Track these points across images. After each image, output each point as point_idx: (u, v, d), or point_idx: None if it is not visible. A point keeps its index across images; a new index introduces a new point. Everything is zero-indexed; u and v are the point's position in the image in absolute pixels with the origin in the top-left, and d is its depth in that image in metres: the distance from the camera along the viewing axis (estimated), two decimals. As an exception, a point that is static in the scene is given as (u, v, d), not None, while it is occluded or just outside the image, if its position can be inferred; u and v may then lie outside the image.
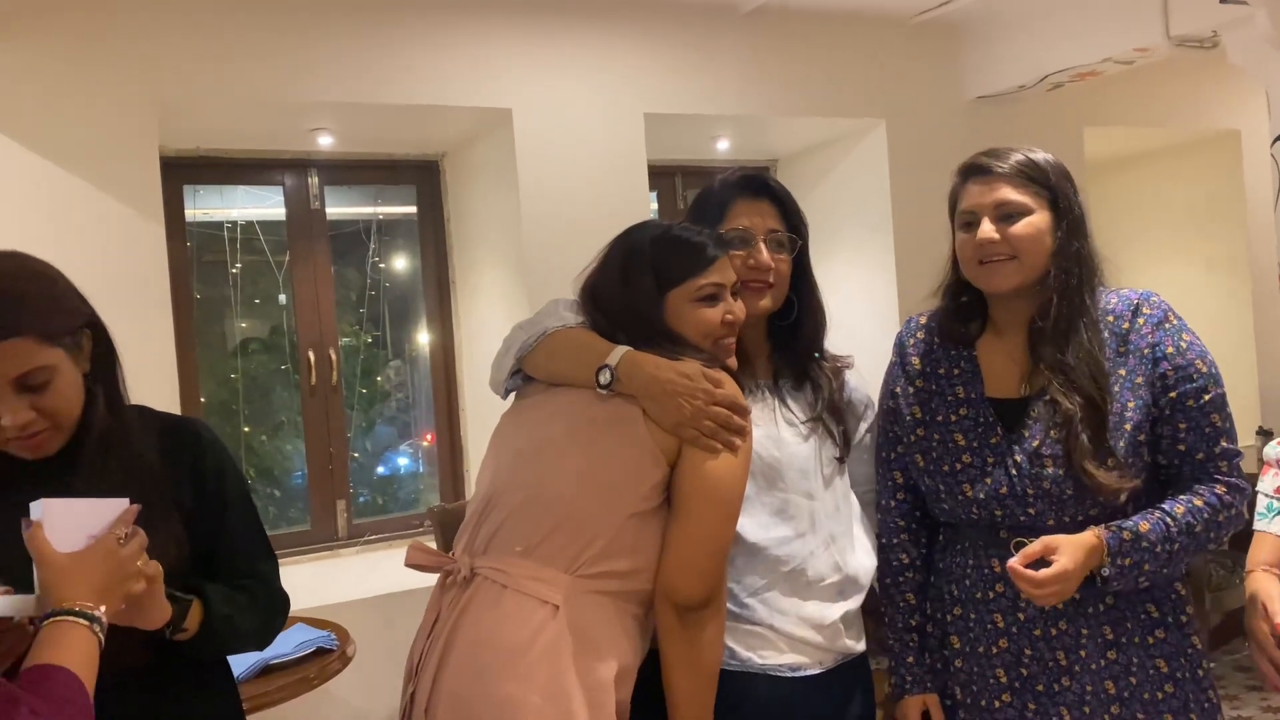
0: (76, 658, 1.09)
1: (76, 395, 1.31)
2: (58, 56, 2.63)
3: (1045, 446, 1.56)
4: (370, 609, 2.84)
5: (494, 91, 3.17)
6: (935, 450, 1.65)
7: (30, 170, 2.59)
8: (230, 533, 1.45)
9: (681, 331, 1.55)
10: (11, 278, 1.26)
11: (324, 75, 2.94)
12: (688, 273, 1.55)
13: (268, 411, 3.69)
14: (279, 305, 3.60)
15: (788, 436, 1.63)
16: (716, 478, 1.46)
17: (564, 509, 1.48)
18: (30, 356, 1.24)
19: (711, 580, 1.45)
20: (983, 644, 1.62)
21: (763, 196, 1.68)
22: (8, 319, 1.22)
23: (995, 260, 1.59)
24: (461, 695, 1.41)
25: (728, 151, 4.02)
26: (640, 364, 1.49)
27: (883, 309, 3.80)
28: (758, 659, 1.56)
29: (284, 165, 3.43)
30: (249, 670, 2.14)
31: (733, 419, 1.46)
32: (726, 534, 1.47)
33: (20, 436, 1.27)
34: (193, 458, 1.44)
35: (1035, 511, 1.57)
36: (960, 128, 3.88)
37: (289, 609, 1.54)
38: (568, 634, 1.41)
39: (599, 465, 1.49)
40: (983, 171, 1.63)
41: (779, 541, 1.58)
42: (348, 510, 3.48)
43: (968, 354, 1.69)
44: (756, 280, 1.65)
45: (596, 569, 1.45)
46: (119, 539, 1.20)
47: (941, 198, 1.57)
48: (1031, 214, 1.59)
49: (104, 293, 1.39)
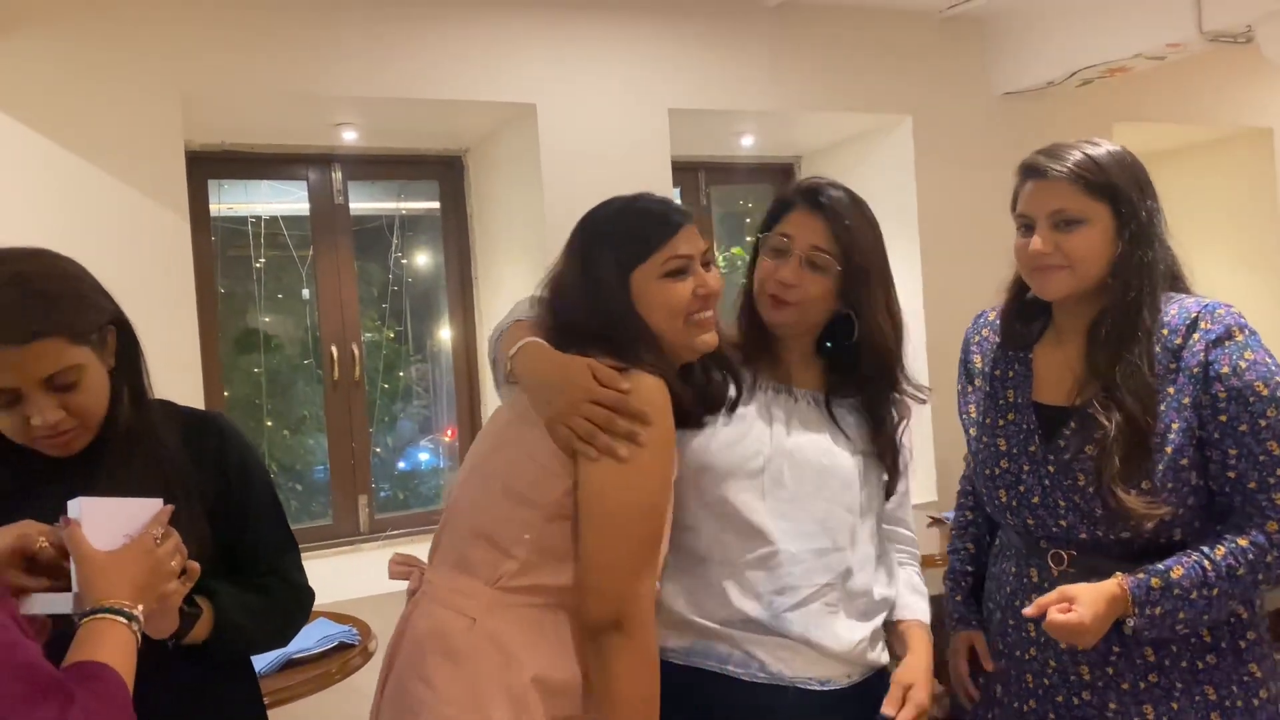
0: (118, 656, 1.09)
1: (103, 393, 1.32)
2: (84, 51, 2.64)
3: (1078, 461, 1.51)
4: (391, 604, 2.81)
5: (518, 86, 3.16)
6: (982, 453, 1.63)
7: (57, 164, 2.60)
8: (253, 527, 1.45)
9: (650, 316, 1.44)
10: (40, 278, 1.26)
11: (348, 69, 2.94)
12: (650, 246, 1.44)
13: (289, 406, 3.70)
14: (302, 300, 3.60)
15: (838, 448, 1.58)
16: (598, 489, 1.35)
17: (477, 519, 1.43)
18: (60, 357, 1.24)
19: (610, 603, 1.33)
20: (1019, 649, 1.60)
21: (817, 211, 1.57)
22: (37, 321, 1.22)
23: (1048, 269, 1.52)
24: (392, 701, 1.43)
25: (752, 147, 4.00)
26: (529, 355, 1.43)
27: (909, 305, 3.75)
28: (788, 671, 1.53)
29: (308, 160, 3.43)
30: (271, 664, 2.14)
31: (615, 422, 1.34)
32: (615, 553, 1.34)
33: (49, 435, 1.27)
34: (216, 452, 1.44)
35: (1067, 524, 1.52)
36: (988, 124, 3.84)
37: (312, 604, 1.53)
38: (484, 646, 1.36)
39: (507, 471, 1.43)
40: (1039, 174, 1.53)
41: (818, 553, 1.54)
42: (369, 505, 3.48)
43: (1024, 356, 1.63)
44: (778, 296, 1.58)
45: (522, 582, 1.39)
46: (156, 538, 1.21)
47: (968, 195, 1.55)
48: (1088, 223, 1.50)
49: (129, 287, 1.40)
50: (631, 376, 1.38)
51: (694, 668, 1.54)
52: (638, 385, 1.37)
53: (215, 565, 1.39)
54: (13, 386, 1.23)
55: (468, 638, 1.38)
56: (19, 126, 2.56)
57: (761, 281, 1.60)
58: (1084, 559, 1.52)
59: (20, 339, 1.21)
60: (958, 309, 3.70)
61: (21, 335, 1.21)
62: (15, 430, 1.27)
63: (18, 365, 1.22)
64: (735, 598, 1.52)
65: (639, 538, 1.36)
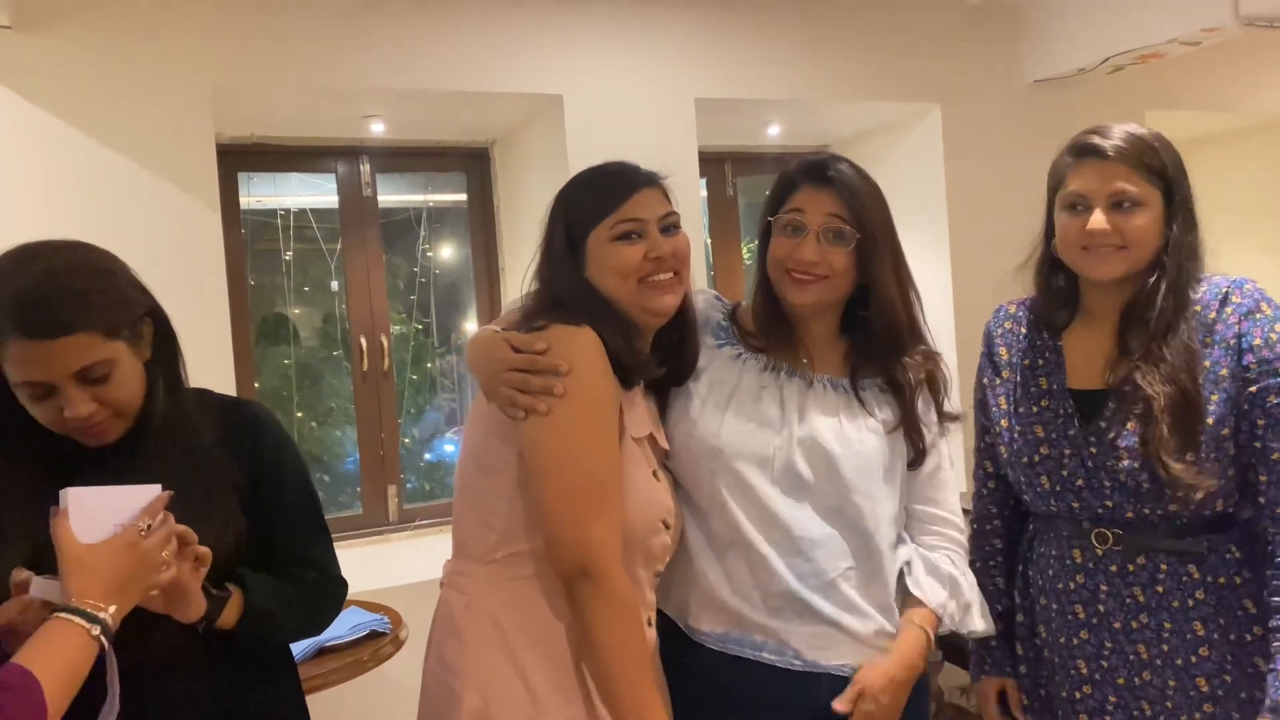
0: (54, 662, 1.07)
1: (137, 384, 1.33)
2: (115, 46, 2.67)
3: (1122, 438, 1.52)
4: (421, 593, 2.84)
5: (545, 78, 3.16)
6: (1017, 442, 1.63)
7: (91, 158, 2.63)
8: (286, 516, 1.46)
9: (603, 279, 1.45)
10: (72, 273, 1.26)
11: (376, 61, 2.95)
12: (601, 210, 1.45)
13: (317, 398, 3.73)
14: (330, 293, 3.63)
15: (851, 433, 1.56)
16: (531, 444, 1.39)
17: (464, 497, 1.50)
18: (91, 351, 1.25)
19: (570, 553, 1.35)
20: (1064, 635, 1.60)
21: (826, 185, 1.56)
22: (68, 316, 1.23)
23: (1103, 249, 1.53)
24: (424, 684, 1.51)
25: (779, 137, 3.98)
26: (469, 343, 1.50)
27: (937, 298, 3.73)
28: (823, 659, 1.52)
29: (337, 152, 3.45)
30: (304, 652, 2.16)
31: (530, 381, 1.38)
32: (560, 503, 1.36)
33: (83, 427, 1.29)
34: (251, 440, 1.45)
35: (1113, 504, 1.54)
36: (1018, 112, 3.80)
37: (346, 594, 1.54)
38: (481, 622, 1.42)
39: (474, 446, 1.49)
40: (1098, 154, 1.54)
41: (836, 538, 1.53)
42: (398, 495, 3.51)
43: (1054, 343, 1.64)
44: (801, 273, 1.56)
45: (504, 552, 1.44)
46: (141, 530, 1.19)
47: (998, 185, 1.54)
48: (1145, 205, 1.52)
49: (161, 280, 1.41)
50: (550, 332, 1.40)
51: (729, 655, 1.54)
52: (555, 338, 1.39)
53: (250, 554, 1.41)
54: (46, 380, 1.24)
55: (466, 615, 1.44)
56: (54, 121, 2.59)
57: (779, 262, 1.58)
58: (1130, 537, 1.54)
59: (52, 334, 1.22)
60: (988, 302, 3.66)
61: (53, 330, 1.22)
62: (51, 421, 1.28)
63: (50, 360, 1.23)
64: (764, 582, 1.52)
65: (576, 484, 1.37)
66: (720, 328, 1.66)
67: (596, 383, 1.40)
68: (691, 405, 1.58)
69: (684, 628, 1.58)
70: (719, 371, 1.61)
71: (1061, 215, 1.59)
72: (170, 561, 1.22)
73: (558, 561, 1.38)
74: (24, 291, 1.22)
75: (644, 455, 1.50)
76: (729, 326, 1.66)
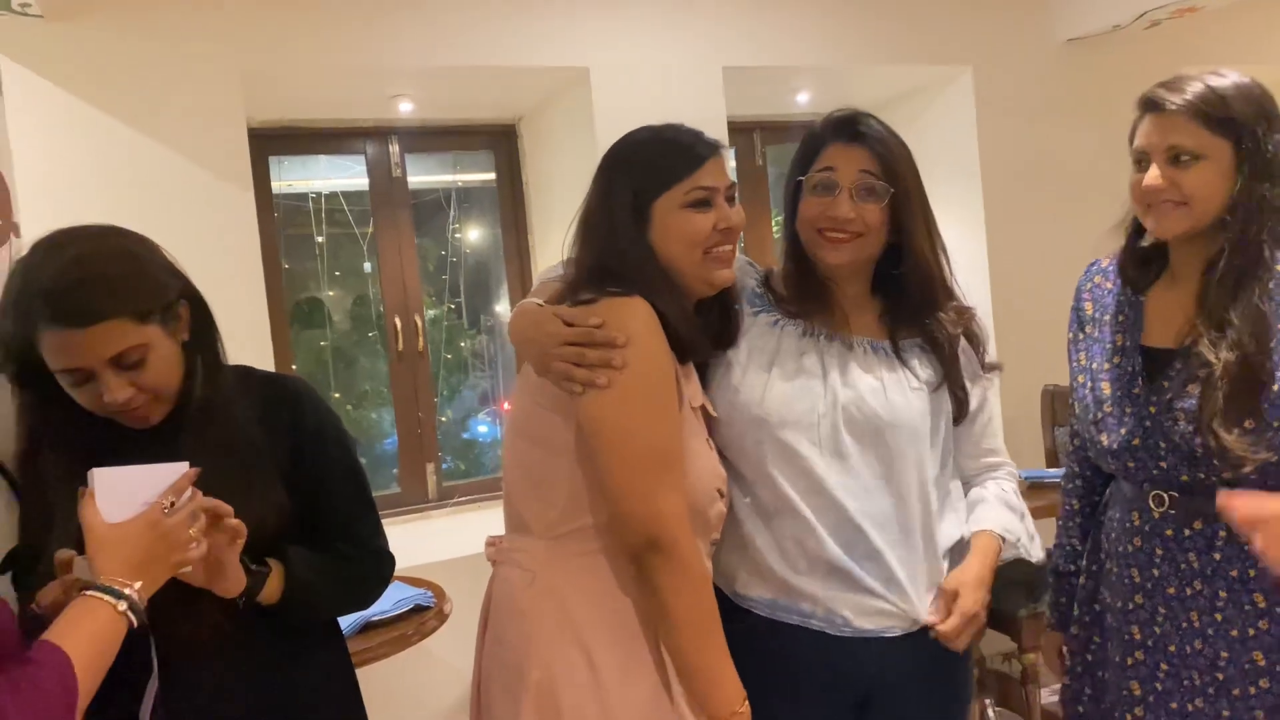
0: (84, 638, 1.09)
1: (174, 367, 1.34)
2: (145, 31, 2.68)
3: (1180, 400, 1.48)
4: (463, 568, 2.87)
5: (570, 50, 3.14)
6: (1088, 398, 1.61)
7: (124, 144, 2.65)
8: (329, 492, 1.47)
9: (668, 247, 1.43)
10: (101, 260, 1.27)
11: (403, 39, 2.94)
12: (672, 176, 1.43)
13: (352, 380, 3.76)
14: (363, 275, 3.65)
15: (896, 395, 1.55)
16: (591, 419, 1.37)
17: (519, 474, 1.48)
18: (124, 337, 1.26)
19: (637, 527, 1.35)
20: (1121, 599, 1.58)
21: (856, 141, 1.55)
22: (99, 303, 1.24)
23: (1162, 205, 1.48)
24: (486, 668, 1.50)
25: (808, 104, 3.93)
26: (513, 318, 1.47)
27: (973, 264, 3.69)
28: (870, 625, 1.53)
29: (365, 134, 3.46)
30: (350, 627, 2.19)
31: (585, 355, 1.36)
32: (624, 477, 1.35)
33: (124, 410, 1.30)
34: (292, 417, 1.45)
35: (1167, 466, 1.50)
36: (1051, 73, 3.73)
37: (393, 569, 1.55)
38: (543, 600, 1.41)
39: (527, 422, 1.47)
40: (1156, 107, 1.49)
41: (884, 507, 1.53)
42: (436, 473, 3.54)
43: (1136, 300, 1.61)
44: (835, 232, 1.54)
45: (567, 528, 1.42)
46: (164, 508, 1.20)
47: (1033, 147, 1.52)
48: (1205, 159, 1.45)
49: (199, 266, 1.42)
50: (601, 306, 1.38)
51: (778, 621, 1.54)
52: (609, 311, 1.37)
53: (295, 530, 1.42)
54: (82, 366, 1.26)
55: (529, 592, 1.43)
56: (88, 109, 2.61)
57: (812, 222, 1.57)
58: (1186, 501, 1.51)
59: (84, 321, 1.23)
60: (1025, 269, 3.65)
61: (85, 318, 1.23)
62: (93, 405, 1.30)
63: (84, 347, 1.24)
64: (812, 550, 1.52)
65: (641, 457, 1.36)
66: (755, 294, 1.65)
67: (655, 353, 1.38)
68: (732, 374, 1.57)
69: (731, 595, 1.58)
70: (757, 339, 1.59)
71: (1132, 173, 1.54)
72: (199, 538, 1.23)
73: (625, 535, 1.36)
74: (55, 280, 1.23)
75: (699, 423, 1.49)
76: (764, 293, 1.65)
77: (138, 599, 1.15)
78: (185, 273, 1.38)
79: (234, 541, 1.28)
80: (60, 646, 1.07)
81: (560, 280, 1.49)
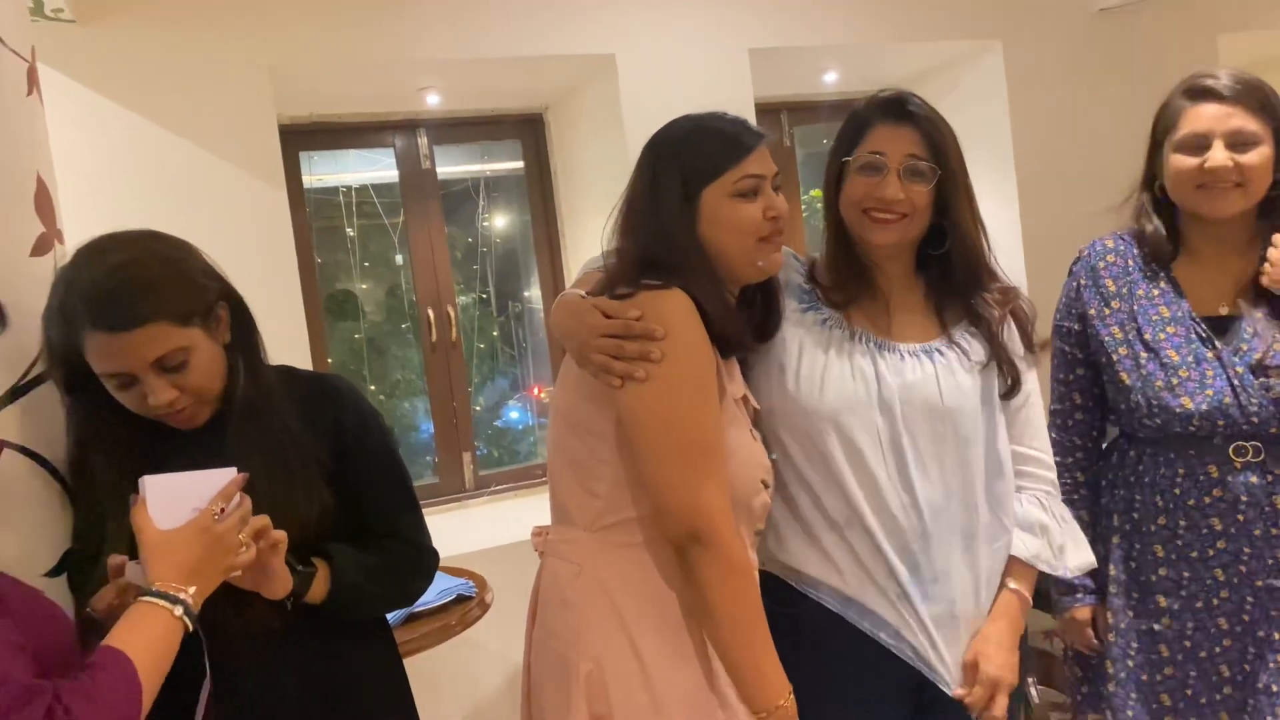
0: (143, 642, 1.11)
1: (216, 369, 1.36)
2: (174, 32, 2.70)
3: (1271, 358, 1.61)
4: (503, 557, 2.91)
5: (596, 37, 3.13)
6: (1146, 367, 1.68)
7: (157, 145, 2.68)
8: (372, 489, 1.48)
9: (719, 236, 1.43)
10: (142, 265, 1.29)
11: (429, 31, 2.95)
12: (722, 165, 1.42)
13: (385, 371, 3.79)
14: (394, 267, 3.67)
15: (955, 378, 1.54)
16: (632, 412, 1.37)
17: (563, 465, 1.47)
18: (166, 340, 1.28)
19: (680, 519, 1.34)
20: (1195, 548, 1.68)
21: (904, 122, 1.53)
22: (140, 307, 1.26)
23: (1220, 187, 1.61)
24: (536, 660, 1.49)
25: (835, 84, 3.90)
26: (555, 309, 1.48)
27: (1006, 238, 3.66)
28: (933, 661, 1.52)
29: (394, 126, 3.47)
30: (395, 619, 2.20)
31: (624, 348, 1.35)
32: (666, 469, 1.35)
33: (169, 412, 1.32)
34: (334, 415, 1.46)
35: (1259, 420, 1.62)
36: (1082, 45, 3.67)
37: (436, 564, 1.56)
38: (591, 592, 1.41)
39: (570, 412, 1.47)
40: (1215, 95, 1.62)
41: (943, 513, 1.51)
42: (473, 462, 3.56)
43: (1166, 273, 1.72)
44: (882, 213, 1.53)
45: (611, 520, 1.42)
46: (215, 514, 1.22)
47: (1066, 121, 1.57)
48: (1262, 143, 1.61)
49: (234, 264, 1.43)
50: (640, 299, 1.38)
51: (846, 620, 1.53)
52: (648, 304, 1.37)
53: (339, 528, 1.43)
54: (126, 370, 1.28)
55: (576, 585, 1.43)
56: (121, 111, 2.64)
57: (858, 203, 1.55)
58: (1274, 448, 1.65)
59: (126, 325, 1.25)
60: (1059, 243, 3.56)
61: (127, 322, 1.25)
62: (138, 407, 1.32)
63: (127, 351, 1.26)
64: (881, 572, 1.51)
65: (682, 449, 1.35)
66: (803, 290, 1.63)
67: (695, 345, 1.38)
68: (787, 377, 1.55)
69: (796, 584, 1.57)
70: (808, 339, 1.57)
71: (1176, 158, 1.65)
72: (248, 543, 1.25)
73: (668, 528, 1.36)
74: (97, 285, 1.26)
75: (742, 414, 1.48)
76: (811, 289, 1.63)
77: (192, 604, 1.18)
78: (224, 275, 1.40)
79: (276, 549, 1.30)
80: (124, 651, 1.09)
81: (602, 270, 1.49)
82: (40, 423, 1.37)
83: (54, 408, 1.38)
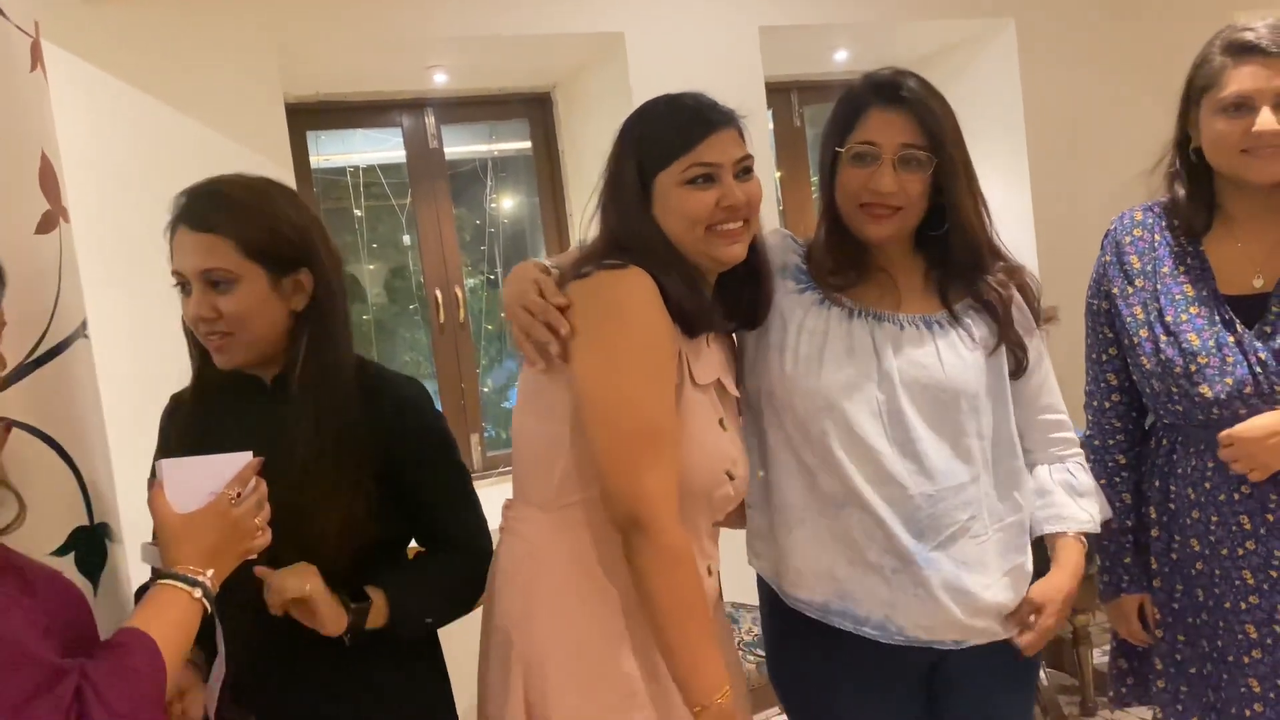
0: (166, 624, 1.12)
1: (265, 317, 1.37)
2: (181, 9, 2.68)
3: None
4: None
5: (604, 15, 3.11)
6: (1165, 352, 1.58)
7: (164, 123, 2.66)
8: (430, 499, 1.47)
9: (668, 223, 1.39)
10: (238, 187, 1.38)
11: (437, 10, 2.92)
12: (674, 152, 1.37)
13: (393, 353, 3.78)
14: (402, 248, 3.66)
15: (952, 360, 1.51)
16: (585, 389, 1.35)
17: (522, 443, 1.46)
18: (220, 256, 1.34)
19: (621, 504, 1.31)
20: (1226, 546, 1.57)
21: (897, 106, 1.47)
22: (214, 217, 1.35)
23: (1267, 150, 1.47)
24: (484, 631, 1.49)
25: (846, 62, 3.87)
26: (509, 275, 1.47)
27: (1018, 221, 3.63)
28: (925, 635, 1.49)
29: (401, 106, 3.45)
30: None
31: (533, 328, 1.34)
32: (612, 453, 1.31)
33: (206, 333, 1.37)
34: (393, 415, 1.44)
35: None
36: (1097, 20, 3.63)
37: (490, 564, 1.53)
38: (537, 569, 1.40)
39: (527, 389, 1.45)
40: (1261, 52, 1.47)
41: (953, 489, 1.48)
42: (481, 444, 3.56)
43: (1194, 249, 1.59)
44: (877, 206, 1.49)
45: (568, 499, 1.39)
46: (232, 499, 1.22)
47: (1080, 99, 1.50)
48: None
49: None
50: (592, 279, 1.35)
51: (831, 626, 1.51)
52: (603, 283, 1.35)
53: (390, 529, 1.43)
54: (182, 270, 1.36)
55: (526, 564, 1.42)
56: (128, 89, 2.63)
57: (853, 195, 1.50)
58: None
59: (196, 226, 1.35)
60: (1072, 225, 3.57)
61: (197, 223, 1.35)
62: (189, 318, 1.39)
63: (189, 251, 1.35)
64: (881, 542, 1.47)
65: (628, 434, 1.32)
66: (800, 271, 1.59)
67: (648, 327, 1.34)
68: (785, 359, 1.52)
69: (778, 590, 1.55)
70: (807, 320, 1.54)
71: (1217, 120, 1.52)
72: (264, 527, 1.26)
73: (611, 511, 1.34)
74: (197, 187, 1.39)
75: (710, 402, 1.44)
76: (809, 270, 1.59)
77: (210, 586, 1.18)
78: (332, 252, 1.43)
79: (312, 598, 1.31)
80: (146, 631, 1.10)
81: (578, 248, 1.49)
82: (48, 400, 1.36)
83: (62, 385, 1.38)
